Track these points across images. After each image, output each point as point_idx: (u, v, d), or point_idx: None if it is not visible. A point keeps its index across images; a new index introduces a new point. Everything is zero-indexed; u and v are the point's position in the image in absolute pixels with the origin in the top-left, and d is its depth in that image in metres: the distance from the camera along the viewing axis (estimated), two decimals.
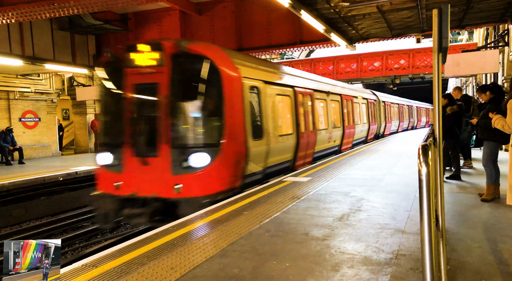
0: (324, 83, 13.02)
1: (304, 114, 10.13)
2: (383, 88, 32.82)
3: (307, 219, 4.92)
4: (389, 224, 4.64)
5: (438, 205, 2.86)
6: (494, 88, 6.25)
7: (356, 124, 15.67)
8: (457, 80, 35.04)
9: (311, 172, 8.89)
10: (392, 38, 12.51)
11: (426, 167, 1.89)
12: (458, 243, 3.97)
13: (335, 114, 13.37)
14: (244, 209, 5.56)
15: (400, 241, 4.00)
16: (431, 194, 1.88)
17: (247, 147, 7.01)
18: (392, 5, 9.40)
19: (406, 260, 3.49)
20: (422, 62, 24.47)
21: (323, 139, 11.67)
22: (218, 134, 6.51)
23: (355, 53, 24.50)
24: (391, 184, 7.20)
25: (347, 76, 25.96)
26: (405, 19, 10.82)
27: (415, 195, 6.12)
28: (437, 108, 2.89)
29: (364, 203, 5.76)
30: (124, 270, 3.44)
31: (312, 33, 11.74)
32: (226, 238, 4.24)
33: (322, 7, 9.44)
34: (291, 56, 32.36)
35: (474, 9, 10.08)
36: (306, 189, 6.88)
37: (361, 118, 16.82)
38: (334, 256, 3.65)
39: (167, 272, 3.38)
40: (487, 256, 3.59)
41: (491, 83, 6.47)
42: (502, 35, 12.14)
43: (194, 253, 3.81)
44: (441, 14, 2.79)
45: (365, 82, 34.03)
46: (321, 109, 11.95)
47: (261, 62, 8.85)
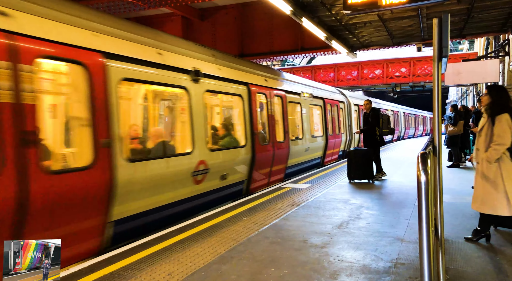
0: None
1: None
2: (384, 96, 32.89)
3: (306, 226, 4.90)
4: (388, 232, 4.62)
5: (437, 214, 2.86)
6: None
7: (292, 140, 9.65)
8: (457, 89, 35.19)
9: (311, 178, 8.87)
10: (393, 46, 12.56)
11: (425, 175, 1.89)
12: (457, 252, 3.95)
13: (239, 121, 7.60)
14: (243, 215, 5.54)
15: (399, 250, 3.97)
16: (430, 202, 1.88)
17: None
18: (393, 13, 9.46)
19: (405, 269, 3.47)
20: (423, 70, 24.58)
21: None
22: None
23: (356, 60, 24.61)
24: (390, 192, 7.18)
25: (348, 83, 26.06)
26: (406, 27, 10.87)
27: (414, 203, 6.10)
28: (436, 117, 2.89)
29: (364, 210, 5.74)
30: (121, 275, 3.42)
31: (313, 40, 11.78)
32: (224, 244, 4.22)
33: (324, 14, 9.49)
34: (292, 63, 32.48)
35: (474, 19, 10.13)
36: (305, 195, 6.86)
37: (308, 128, 10.82)
38: (332, 263, 3.62)
39: (165, 278, 3.35)
40: (486, 266, 3.57)
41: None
42: (502, 45, 12.19)
43: (192, 259, 3.78)
44: (441, 23, 2.81)
45: (366, 90, 34.13)
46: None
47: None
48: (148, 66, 5.04)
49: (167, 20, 12.75)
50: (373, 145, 8.61)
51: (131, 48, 4.87)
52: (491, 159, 3.96)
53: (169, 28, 12.42)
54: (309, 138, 10.84)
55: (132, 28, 5.15)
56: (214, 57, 6.83)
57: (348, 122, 15.30)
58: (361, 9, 6.20)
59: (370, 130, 8.57)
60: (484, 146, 4.08)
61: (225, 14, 12.51)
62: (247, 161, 7.38)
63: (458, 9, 9.24)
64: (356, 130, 9.17)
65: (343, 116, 14.61)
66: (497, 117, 3.97)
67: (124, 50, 4.72)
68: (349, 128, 15.27)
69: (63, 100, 4.65)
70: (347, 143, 15.02)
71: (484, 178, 4.07)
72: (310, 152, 11.01)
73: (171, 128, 6.39)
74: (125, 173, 4.48)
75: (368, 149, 8.43)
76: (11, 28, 3.50)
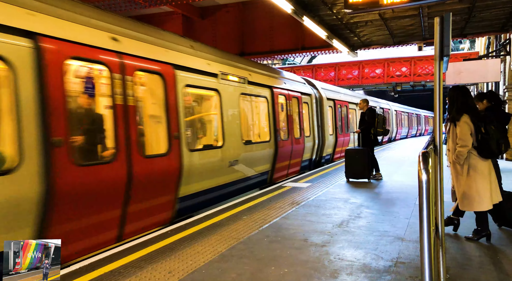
0: None
1: None
2: (385, 95, 32.83)
3: (306, 225, 4.90)
4: (388, 231, 4.62)
5: (438, 213, 2.86)
6: (491, 96, 6.17)
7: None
8: None
9: (311, 177, 8.87)
10: (394, 45, 12.54)
11: (426, 174, 1.89)
12: (457, 251, 3.95)
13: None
14: (243, 213, 5.55)
15: (399, 249, 3.98)
16: (431, 201, 1.88)
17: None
18: (394, 12, 9.45)
19: (406, 268, 3.47)
20: (424, 70, 24.56)
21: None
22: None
23: (357, 60, 24.59)
24: (390, 191, 7.18)
25: (349, 82, 26.05)
26: (407, 27, 10.86)
27: (415, 203, 6.10)
28: (438, 116, 2.89)
29: (364, 209, 5.75)
30: (122, 273, 3.42)
31: (314, 39, 11.77)
32: (225, 243, 4.22)
33: (325, 13, 9.49)
34: (293, 62, 32.46)
35: (476, 18, 10.11)
36: (306, 194, 6.86)
37: (250, 132, 8.45)
38: (333, 262, 3.63)
39: (165, 276, 3.36)
40: (486, 265, 3.57)
41: (488, 91, 6.43)
42: (503, 45, 12.18)
43: (192, 257, 3.79)
44: (442, 22, 2.80)
45: (367, 89, 34.12)
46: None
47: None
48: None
49: (167, 18, 12.74)
50: (368, 145, 8.60)
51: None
52: (458, 160, 4.20)
53: (169, 27, 12.40)
54: (237, 145, 7.21)
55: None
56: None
57: (318, 122, 11.77)
58: (362, 8, 6.19)
59: (366, 130, 8.60)
60: (453, 148, 4.30)
61: (226, 13, 12.50)
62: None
63: (459, 8, 9.23)
64: (356, 130, 9.07)
65: (310, 114, 11.07)
66: (457, 121, 4.22)
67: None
68: (320, 129, 11.82)
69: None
70: (317, 148, 11.41)
71: (457, 177, 4.30)
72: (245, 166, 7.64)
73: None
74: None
75: (365, 148, 8.42)
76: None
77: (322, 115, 12.14)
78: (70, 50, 4.06)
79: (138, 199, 4.78)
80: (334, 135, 13.21)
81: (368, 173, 8.24)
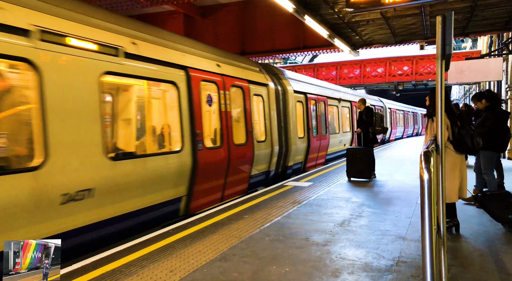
0: None
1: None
2: (386, 94, 32.76)
3: (307, 224, 4.90)
4: (390, 230, 4.61)
5: (440, 212, 2.85)
6: (489, 96, 6.13)
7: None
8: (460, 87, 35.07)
9: (312, 177, 8.87)
10: (395, 44, 12.51)
11: (428, 173, 1.88)
12: (459, 251, 3.94)
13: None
14: (245, 212, 5.55)
15: (401, 248, 3.97)
16: (433, 200, 1.87)
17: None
18: (396, 11, 9.43)
19: (407, 267, 3.47)
20: (426, 69, 24.51)
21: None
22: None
23: (358, 59, 24.58)
24: (392, 190, 7.17)
25: (350, 81, 26.01)
26: (409, 25, 10.84)
27: (416, 202, 6.09)
28: (440, 116, 2.88)
29: (365, 208, 5.74)
30: (123, 272, 3.43)
31: (316, 38, 11.76)
32: (226, 242, 4.22)
33: (326, 12, 9.47)
34: (294, 61, 32.43)
35: (478, 17, 10.08)
36: (307, 193, 6.86)
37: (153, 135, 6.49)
38: (334, 261, 3.63)
39: (167, 275, 3.36)
40: (488, 264, 3.56)
41: (486, 91, 6.39)
42: (506, 43, 12.13)
43: (194, 256, 3.79)
44: (444, 21, 2.79)
45: (368, 88, 34.05)
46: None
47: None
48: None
49: (169, 18, 12.75)
50: (368, 144, 8.57)
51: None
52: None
53: (170, 26, 12.41)
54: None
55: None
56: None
57: (281, 121, 9.18)
58: (364, 7, 6.17)
59: (365, 129, 8.56)
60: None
61: (227, 12, 12.50)
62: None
63: (462, 7, 9.21)
64: (356, 130, 9.01)
65: (266, 111, 8.52)
66: (434, 118, 4.31)
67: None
68: (284, 131, 9.32)
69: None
70: (277, 157, 8.87)
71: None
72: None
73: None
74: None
75: (366, 147, 8.39)
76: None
77: (287, 113, 9.50)
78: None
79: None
80: (306, 138, 10.67)
81: (369, 172, 8.22)
